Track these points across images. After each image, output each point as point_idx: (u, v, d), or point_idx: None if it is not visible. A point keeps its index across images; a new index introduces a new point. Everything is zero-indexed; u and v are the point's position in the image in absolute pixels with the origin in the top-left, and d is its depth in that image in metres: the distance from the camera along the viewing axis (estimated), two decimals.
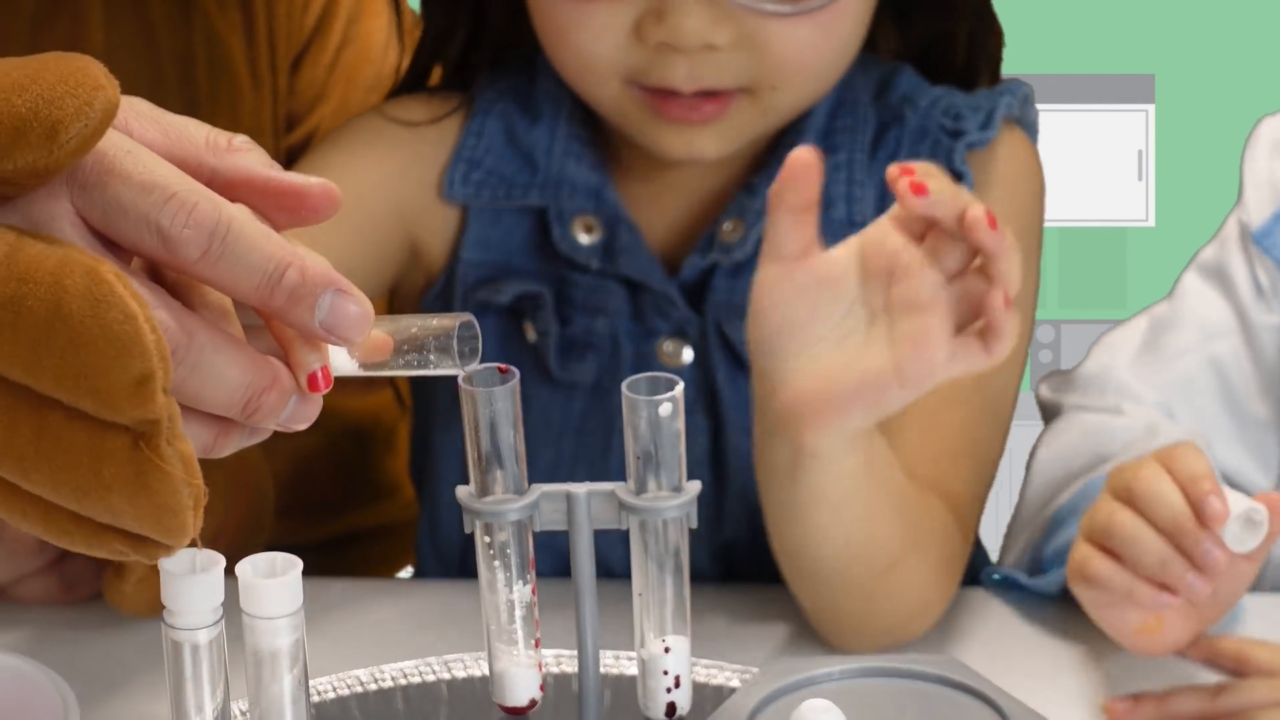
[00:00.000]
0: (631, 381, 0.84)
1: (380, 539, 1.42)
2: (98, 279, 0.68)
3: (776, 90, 1.13)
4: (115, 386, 0.68)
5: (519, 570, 0.87)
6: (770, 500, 1.08)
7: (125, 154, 0.71)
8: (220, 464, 1.20)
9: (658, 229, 1.20)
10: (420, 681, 1.02)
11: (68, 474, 0.69)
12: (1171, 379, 1.27)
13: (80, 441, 0.69)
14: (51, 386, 0.68)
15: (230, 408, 0.72)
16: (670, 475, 0.85)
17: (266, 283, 0.71)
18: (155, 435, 0.69)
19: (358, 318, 0.73)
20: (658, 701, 0.89)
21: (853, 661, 0.92)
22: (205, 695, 0.80)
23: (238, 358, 0.72)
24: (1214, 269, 1.29)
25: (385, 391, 1.40)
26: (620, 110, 1.15)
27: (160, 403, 0.68)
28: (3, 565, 1.17)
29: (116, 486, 0.69)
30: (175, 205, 0.70)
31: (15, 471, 0.70)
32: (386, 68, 1.36)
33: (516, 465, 0.86)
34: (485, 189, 1.19)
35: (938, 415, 1.12)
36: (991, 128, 1.17)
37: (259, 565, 0.80)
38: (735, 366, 1.18)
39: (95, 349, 0.68)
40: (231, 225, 0.71)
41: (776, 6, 1.10)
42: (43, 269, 0.68)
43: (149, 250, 0.71)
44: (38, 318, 0.68)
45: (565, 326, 1.18)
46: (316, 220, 0.75)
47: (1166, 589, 1.03)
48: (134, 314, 0.68)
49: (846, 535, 1.06)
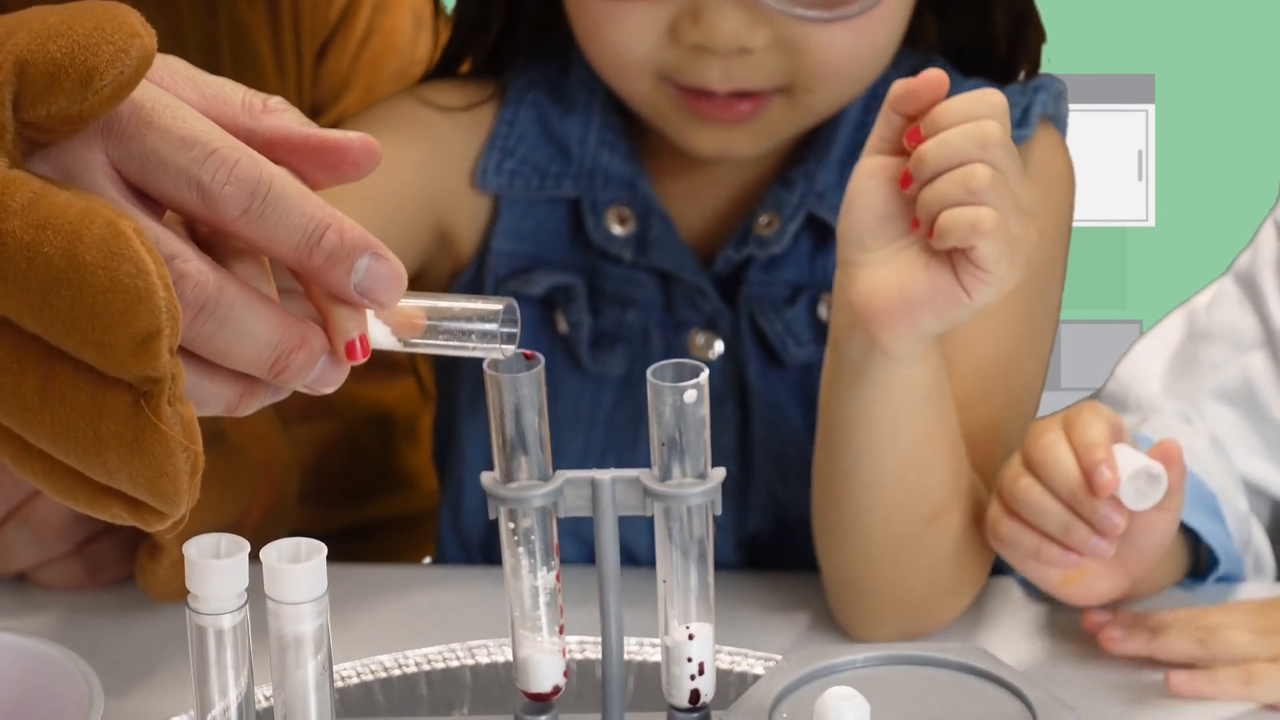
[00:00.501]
0: (657, 368, 0.84)
1: (401, 529, 1.42)
2: (116, 231, 0.68)
3: (812, 92, 1.13)
4: (121, 340, 0.67)
5: (543, 557, 0.87)
6: (831, 414, 1.08)
7: (164, 108, 0.70)
8: (246, 451, 1.20)
9: (690, 220, 1.20)
10: (444, 667, 1.02)
11: (69, 428, 0.69)
12: (1204, 390, 1.27)
13: (83, 396, 0.68)
14: (60, 337, 0.68)
15: (258, 365, 0.72)
16: (695, 462, 0.85)
17: (305, 243, 0.71)
18: (156, 395, 0.68)
19: (392, 281, 0.73)
20: (681, 688, 0.89)
21: (877, 649, 0.92)
22: (229, 680, 0.80)
23: (268, 315, 0.71)
24: (1245, 277, 1.29)
25: (408, 381, 1.40)
26: (653, 107, 1.15)
27: (164, 361, 0.68)
28: (29, 549, 1.18)
29: (113, 444, 0.69)
30: (216, 161, 0.70)
31: (20, 422, 0.69)
32: (413, 58, 1.36)
33: (541, 451, 0.86)
34: (519, 178, 1.19)
35: (966, 411, 1.12)
36: (1028, 125, 1.16)
37: (283, 551, 0.80)
38: (766, 361, 1.18)
39: (104, 301, 0.67)
40: (273, 184, 0.70)
41: (813, 12, 1.10)
42: (64, 218, 0.68)
43: (188, 206, 0.71)
44: (52, 265, 0.67)
45: (596, 318, 1.18)
46: (357, 175, 0.74)
47: (1072, 550, 1.06)
48: (147, 270, 0.67)
49: (900, 463, 1.07)
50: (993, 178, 0.98)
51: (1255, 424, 1.26)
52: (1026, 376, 1.17)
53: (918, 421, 1.06)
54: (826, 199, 1.16)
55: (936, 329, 1.03)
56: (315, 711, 0.82)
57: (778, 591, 1.17)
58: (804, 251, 1.17)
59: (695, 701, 0.89)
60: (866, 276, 1.02)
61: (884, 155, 1.02)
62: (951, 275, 1.00)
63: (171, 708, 1.02)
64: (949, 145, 0.98)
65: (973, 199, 0.98)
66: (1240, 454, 1.26)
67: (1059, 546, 1.06)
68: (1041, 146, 1.18)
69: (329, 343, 0.74)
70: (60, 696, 0.89)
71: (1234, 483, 1.23)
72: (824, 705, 0.83)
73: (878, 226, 1.02)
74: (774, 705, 0.89)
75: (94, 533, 1.19)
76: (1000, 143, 0.99)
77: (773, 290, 1.17)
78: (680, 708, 0.89)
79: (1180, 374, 1.29)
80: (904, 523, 1.08)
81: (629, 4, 1.11)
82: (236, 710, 0.81)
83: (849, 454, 1.08)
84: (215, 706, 0.80)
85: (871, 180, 1.02)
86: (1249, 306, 1.28)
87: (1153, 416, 1.25)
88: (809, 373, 1.16)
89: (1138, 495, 1.05)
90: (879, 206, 1.02)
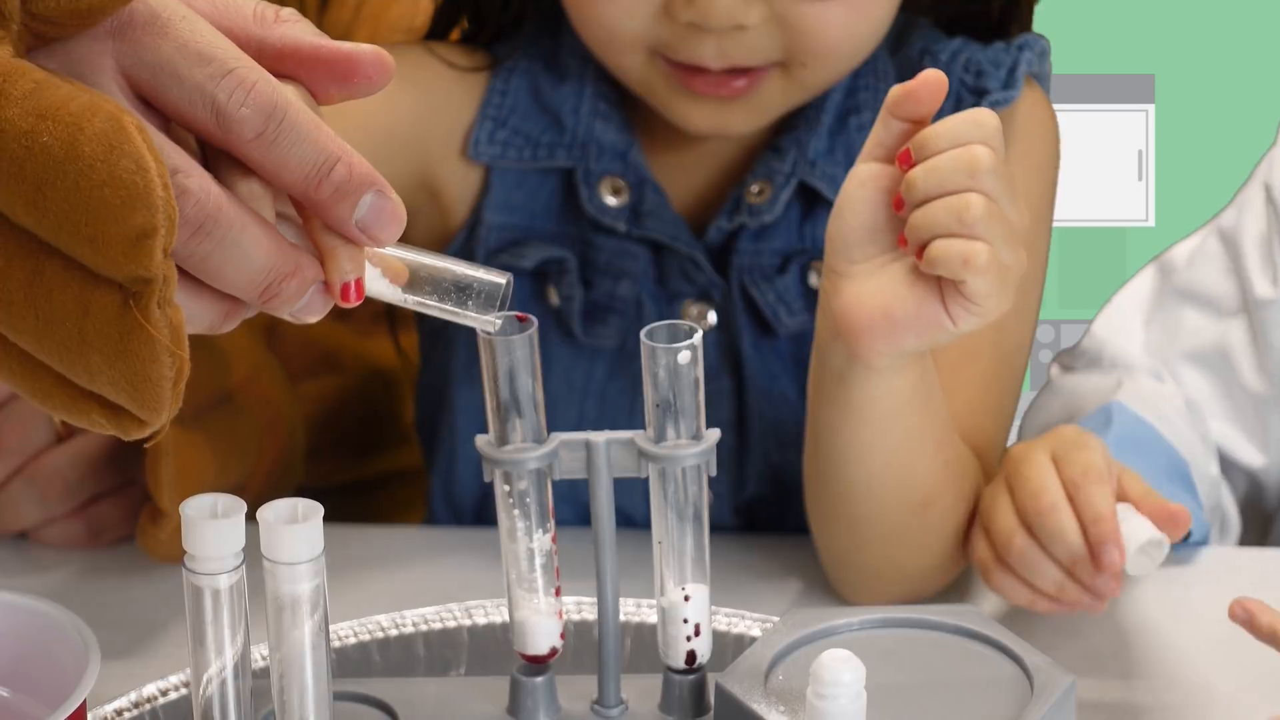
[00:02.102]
0: (650, 330, 0.84)
1: (409, 481, 1.42)
2: (118, 126, 0.66)
3: (807, 68, 1.12)
4: (114, 237, 0.66)
5: (539, 519, 0.87)
6: (818, 412, 1.07)
7: (181, 19, 0.69)
8: (252, 411, 1.20)
9: (681, 190, 1.19)
10: (441, 628, 1.02)
11: (53, 326, 0.67)
12: (1179, 353, 1.27)
13: (70, 293, 0.67)
14: (52, 231, 0.66)
15: (249, 289, 0.71)
16: (689, 423, 0.85)
17: (315, 174, 0.70)
18: (147, 296, 0.67)
19: (392, 219, 0.72)
20: (678, 650, 0.89)
21: (873, 612, 0.92)
22: (225, 640, 0.80)
23: (265, 240, 0.70)
24: (1230, 239, 1.28)
25: (412, 335, 1.40)
26: (645, 83, 1.14)
27: (158, 261, 0.66)
28: (32, 508, 1.18)
29: (98, 345, 0.67)
30: (234, 81, 0.69)
31: (3, 319, 0.68)
32: (417, 9, 1.35)
33: (536, 414, 0.86)
34: (511, 148, 1.18)
35: (958, 372, 1.12)
36: (1014, 86, 1.16)
37: (280, 511, 0.80)
38: (758, 331, 1.17)
39: (100, 195, 0.66)
40: (289, 111, 0.69)
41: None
42: (65, 109, 0.66)
43: (199, 122, 0.69)
44: (50, 155, 0.66)
45: (589, 290, 1.17)
46: (369, 89, 0.73)
47: (1065, 605, 1.05)
48: (147, 167, 0.66)
49: (887, 459, 1.06)
50: (987, 209, 0.96)
51: (1228, 390, 1.26)
52: (1016, 334, 1.16)
53: (903, 422, 1.06)
54: (818, 167, 1.16)
55: (917, 348, 1.02)
56: (311, 671, 0.82)
57: (775, 554, 1.18)
58: (793, 219, 1.17)
59: (691, 663, 0.89)
60: (851, 288, 1.01)
61: (879, 163, 1.00)
62: (937, 300, 0.99)
63: (170, 667, 1.02)
64: (938, 173, 0.97)
65: (966, 231, 0.96)
66: (1211, 419, 1.26)
67: (1051, 600, 1.05)
68: (1027, 104, 1.18)
69: (323, 275, 0.73)
70: (58, 656, 0.89)
71: (1205, 446, 1.23)
72: (820, 667, 0.83)
73: (866, 238, 1.00)
74: (770, 667, 0.89)
75: (97, 493, 1.19)
76: (990, 169, 0.97)
77: (763, 260, 1.16)
78: (676, 669, 0.90)
79: (1158, 332, 1.28)
80: (895, 512, 1.08)
81: None
82: (233, 670, 0.81)
83: (836, 451, 1.07)
84: (211, 666, 0.81)
85: (863, 189, 1.00)
86: (1231, 272, 1.27)
87: (1127, 380, 1.24)
88: (801, 341, 1.16)
89: (1140, 562, 1.04)
90: (868, 217, 1.00)
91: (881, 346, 1.01)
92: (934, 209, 0.97)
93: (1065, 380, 1.29)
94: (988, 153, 0.97)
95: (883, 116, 0.99)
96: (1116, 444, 1.16)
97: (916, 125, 0.99)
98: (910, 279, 0.99)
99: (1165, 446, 1.20)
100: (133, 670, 1.05)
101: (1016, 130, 1.15)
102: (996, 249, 0.97)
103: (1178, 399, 1.24)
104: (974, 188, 0.96)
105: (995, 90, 1.15)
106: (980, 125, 0.97)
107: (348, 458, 1.38)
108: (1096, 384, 1.25)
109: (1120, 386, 1.23)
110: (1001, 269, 0.97)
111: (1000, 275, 0.97)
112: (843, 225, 1.01)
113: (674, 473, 0.86)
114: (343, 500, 1.28)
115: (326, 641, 0.82)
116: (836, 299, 1.01)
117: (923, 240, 0.97)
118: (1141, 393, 1.23)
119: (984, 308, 0.98)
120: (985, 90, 1.16)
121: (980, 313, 0.98)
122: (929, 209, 0.97)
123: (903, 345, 1.01)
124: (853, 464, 1.07)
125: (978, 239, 0.96)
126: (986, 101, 1.15)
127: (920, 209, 0.97)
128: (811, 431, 1.09)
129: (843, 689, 0.83)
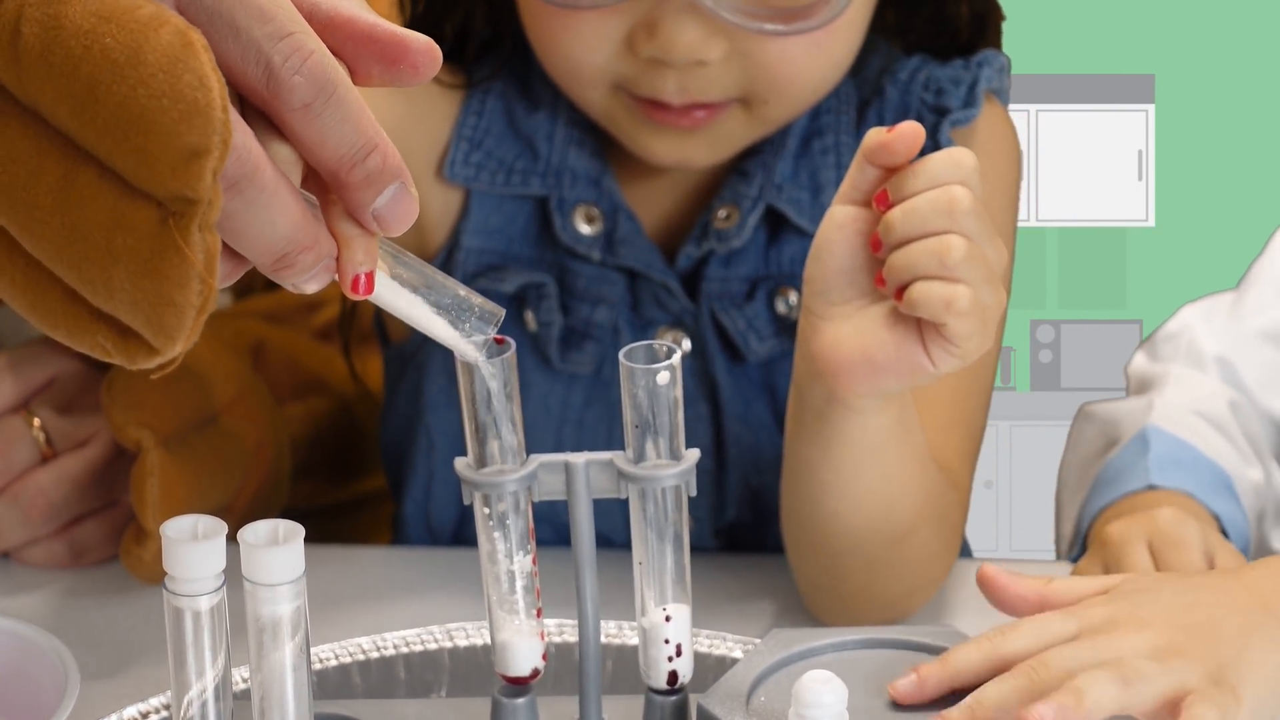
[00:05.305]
0: (629, 350, 0.84)
1: (384, 503, 1.42)
2: (186, 40, 0.64)
3: (768, 104, 1.11)
4: (165, 151, 0.64)
5: (519, 541, 0.87)
6: (795, 449, 1.07)
7: None
8: (239, 435, 1.20)
9: (653, 216, 1.19)
10: (422, 650, 1.02)
11: (79, 235, 0.65)
12: (1247, 332, 1.28)
13: (104, 203, 0.65)
14: (96, 136, 0.64)
15: (266, 254, 0.70)
16: (668, 443, 0.85)
17: (351, 156, 0.69)
18: (189, 217, 0.65)
19: (408, 214, 0.71)
20: (659, 670, 0.89)
21: (855, 633, 0.93)
22: (206, 662, 0.80)
23: (293, 208, 0.69)
24: None
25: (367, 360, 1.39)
26: (609, 115, 1.13)
27: (206, 183, 0.65)
28: (16, 528, 1.18)
29: (125, 260, 0.65)
30: (291, 46, 0.67)
31: (22, 223, 0.66)
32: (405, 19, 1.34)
33: (514, 435, 0.86)
34: (485, 171, 1.18)
35: (927, 389, 1.12)
36: (975, 105, 1.16)
37: (261, 532, 0.80)
38: (730, 357, 1.17)
39: (158, 105, 0.64)
40: (339, 87, 0.68)
41: (771, 25, 1.08)
42: (131, 15, 0.65)
43: (248, 79, 0.68)
44: (110, 58, 0.64)
45: (565, 316, 1.17)
46: (413, 79, 0.72)
47: None
48: (211, 86, 0.64)
49: (866, 494, 1.06)
50: (967, 251, 0.95)
51: None
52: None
53: (882, 459, 1.05)
54: (784, 191, 1.16)
55: (897, 390, 1.01)
56: (292, 693, 0.82)
57: (755, 575, 1.18)
58: (759, 244, 1.17)
59: (673, 683, 0.89)
60: (830, 330, 1.00)
61: (855, 206, 0.99)
62: (917, 342, 0.98)
63: (150, 689, 1.02)
64: (917, 214, 0.96)
65: (947, 273, 0.96)
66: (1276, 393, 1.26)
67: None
68: (987, 120, 1.18)
69: (335, 251, 0.72)
70: (37, 678, 0.89)
71: (1248, 447, 1.24)
72: (802, 688, 0.84)
73: (844, 280, 1.00)
74: (752, 688, 0.89)
75: (80, 514, 1.19)
76: (969, 210, 0.96)
77: (731, 287, 1.16)
78: (658, 690, 0.90)
79: (1223, 316, 1.30)
80: (873, 545, 1.08)
81: (584, 14, 1.09)
82: (214, 692, 0.81)
83: (815, 487, 1.07)
84: (192, 688, 0.80)
85: (840, 232, 0.99)
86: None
87: (1158, 400, 1.24)
88: (772, 367, 1.16)
89: None
90: (846, 259, 0.99)
91: (862, 388, 1.00)
92: (914, 251, 0.96)
93: (1098, 409, 1.29)
94: (966, 193, 0.96)
95: (858, 161, 0.99)
96: (1159, 466, 1.17)
97: (890, 171, 0.98)
98: (889, 321, 0.99)
99: (1206, 462, 1.20)
100: (113, 692, 1.04)
101: (978, 147, 1.15)
102: (977, 290, 0.96)
103: (1221, 399, 1.25)
104: (954, 229, 0.96)
105: (956, 109, 1.16)
106: (959, 165, 0.97)
107: (330, 480, 1.38)
108: (1129, 409, 1.26)
109: (1152, 408, 1.23)
110: (982, 310, 0.97)
111: (981, 316, 0.97)
112: (821, 268, 1.00)
113: (654, 493, 0.86)
114: (323, 522, 1.28)
115: (307, 663, 0.82)
116: (816, 341, 1.01)
117: (902, 281, 0.97)
118: (1173, 412, 1.23)
119: (964, 349, 0.98)
120: (946, 109, 1.16)
121: (960, 354, 0.98)
122: (909, 251, 0.96)
123: (883, 387, 1.00)
124: (831, 499, 1.07)
125: (959, 281, 0.96)
126: (948, 120, 1.15)
127: (900, 250, 0.97)
128: (789, 466, 1.09)
129: (824, 710, 0.83)
